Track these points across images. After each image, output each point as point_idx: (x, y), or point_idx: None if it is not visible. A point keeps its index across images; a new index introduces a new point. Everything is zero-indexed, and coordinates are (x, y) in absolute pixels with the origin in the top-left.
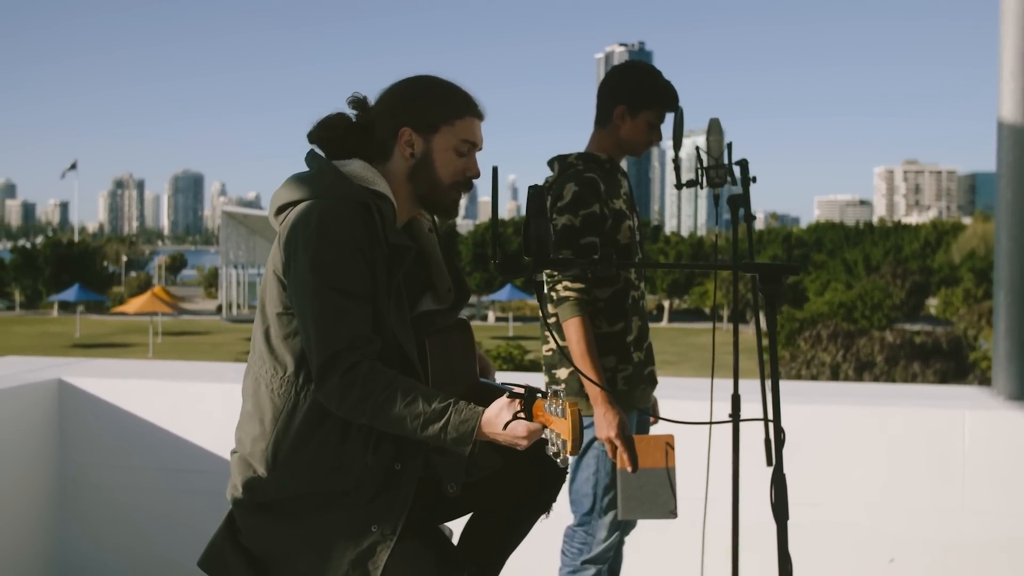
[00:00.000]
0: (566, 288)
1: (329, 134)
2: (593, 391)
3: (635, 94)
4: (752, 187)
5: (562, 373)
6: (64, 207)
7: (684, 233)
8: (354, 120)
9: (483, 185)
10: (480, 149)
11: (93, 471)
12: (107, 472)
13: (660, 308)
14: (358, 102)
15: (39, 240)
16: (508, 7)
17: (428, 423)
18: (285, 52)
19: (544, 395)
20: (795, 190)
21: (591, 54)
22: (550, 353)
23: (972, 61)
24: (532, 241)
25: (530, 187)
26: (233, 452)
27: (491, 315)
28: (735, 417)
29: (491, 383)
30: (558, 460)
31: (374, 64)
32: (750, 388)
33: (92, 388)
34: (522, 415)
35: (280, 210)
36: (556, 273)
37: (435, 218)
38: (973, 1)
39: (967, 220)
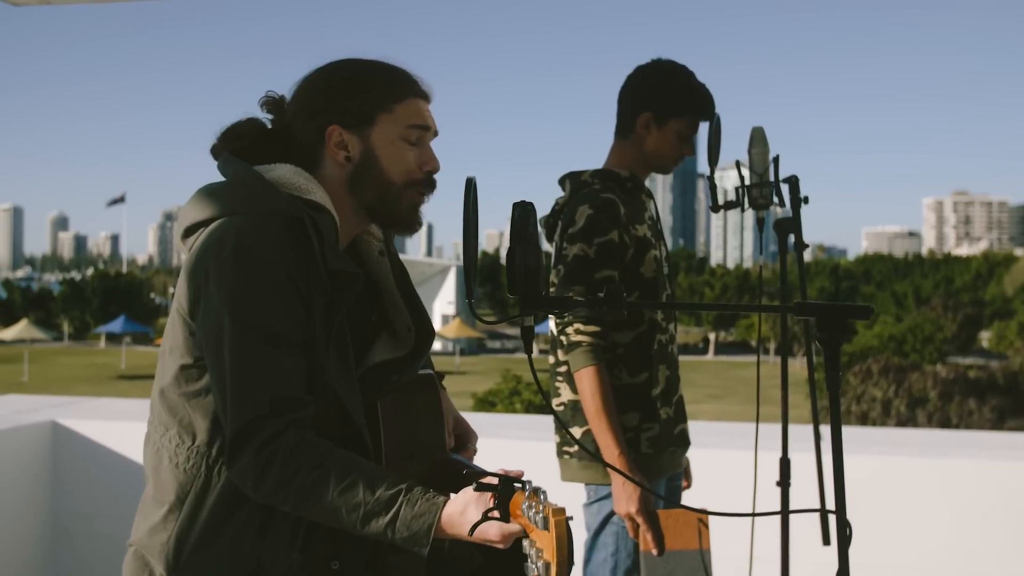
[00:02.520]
0: (578, 332)
1: (236, 145)
2: (610, 456)
3: (663, 99)
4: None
5: (575, 433)
6: (115, 239)
7: (730, 265)
8: (269, 126)
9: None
10: (435, 134)
11: (89, 520)
12: (104, 522)
13: (706, 341)
14: (272, 103)
15: (89, 272)
16: (555, 37)
17: (371, 516)
18: None
19: (523, 486)
20: (842, 221)
21: None
22: (561, 408)
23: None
24: (518, 275)
25: (514, 204)
26: (129, 545)
27: (535, 348)
28: (784, 503)
29: (466, 463)
30: None
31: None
32: (800, 435)
33: (88, 431)
34: (495, 513)
35: (188, 232)
36: (566, 314)
37: (387, 240)
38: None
39: (1019, 252)
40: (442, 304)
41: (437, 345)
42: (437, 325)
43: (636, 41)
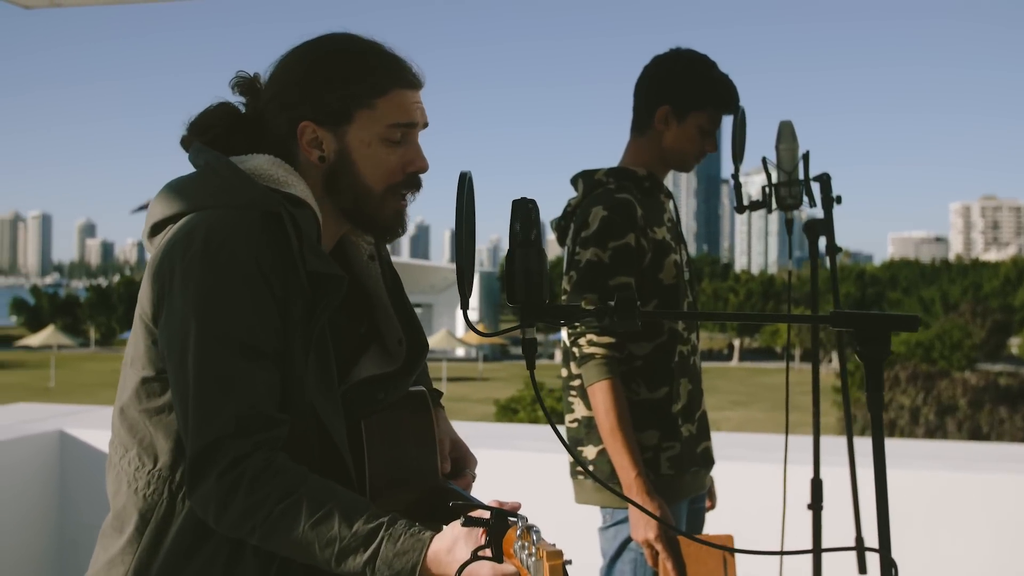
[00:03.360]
0: (591, 343)
1: (207, 137)
2: (626, 478)
3: (683, 91)
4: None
5: (590, 451)
6: (141, 246)
7: (755, 271)
8: (243, 112)
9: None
10: (424, 126)
11: (96, 532)
12: None
13: (731, 347)
14: (245, 85)
15: (116, 278)
16: (575, 43)
17: (347, 553)
18: None
19: (516, 521)
20: (868, 227)
21: None
22: (575, 425)
23: None
24: (518, 281)
25: (514, 202)
26: None
27: (558, 354)
28: (816, 529)
29: (459, 491)
30: None
31: (476, 104)
32: (831, 447)
33: (97, 441)
34: (487, 552)
35: (155, 230)
36: (578, 324)
37: (377, 242)
38: None
39: None
40: None
41: (460, 351)
42: (459, 331)
43: (651, 47)
